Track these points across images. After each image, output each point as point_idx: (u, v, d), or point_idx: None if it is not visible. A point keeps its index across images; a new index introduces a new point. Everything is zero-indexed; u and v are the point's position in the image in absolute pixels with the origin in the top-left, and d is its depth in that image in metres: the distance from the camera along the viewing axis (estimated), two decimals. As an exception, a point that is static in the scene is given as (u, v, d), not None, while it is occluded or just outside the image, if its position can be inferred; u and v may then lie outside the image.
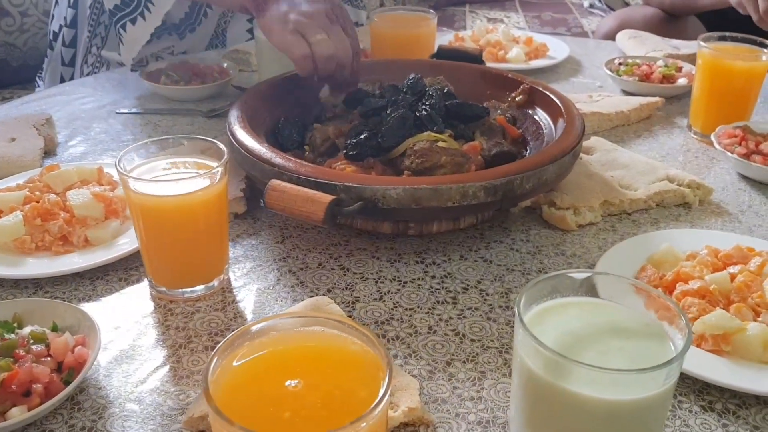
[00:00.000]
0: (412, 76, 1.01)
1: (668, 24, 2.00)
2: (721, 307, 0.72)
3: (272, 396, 0.48)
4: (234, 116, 0.94)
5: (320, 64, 1.00)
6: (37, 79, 1.74)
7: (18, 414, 0.60)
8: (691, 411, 0.65)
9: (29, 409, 0.61)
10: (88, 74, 1.58)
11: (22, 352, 0.64)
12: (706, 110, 1.18)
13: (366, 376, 0.48)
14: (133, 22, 1.25)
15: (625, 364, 0.52)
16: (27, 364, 0.63)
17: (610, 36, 2.01)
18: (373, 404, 0.44)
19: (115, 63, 1.53)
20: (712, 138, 1.11)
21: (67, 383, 0.64)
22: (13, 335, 0.67)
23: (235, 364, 0.50)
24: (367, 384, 0.48)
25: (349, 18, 1.07)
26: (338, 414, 0.46)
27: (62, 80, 1.60)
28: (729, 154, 1.07)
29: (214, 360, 0.48)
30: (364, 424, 0.43)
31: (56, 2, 1.60)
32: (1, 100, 1.92)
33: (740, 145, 1.08)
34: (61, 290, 0.80)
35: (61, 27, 1.57)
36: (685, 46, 1.57)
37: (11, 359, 0.63)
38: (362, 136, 0.90)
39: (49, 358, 0.65)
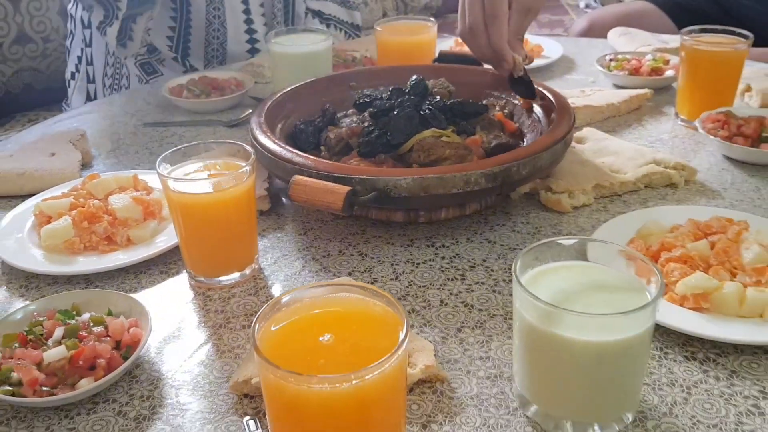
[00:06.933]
0: (413, 77, 1.10)
1: (634, 20, 2.09)
2: (701, 270, 0.80)
3: (309, 348, 0.57)
4: (255, 123, 1.03)
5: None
6: (63, 104, 1.84)
7: (86, 384, 0.69)
8: (675, 360, 0.73)
9: (95, 381, 0.70)
10: (109, 86, 1.68)
11: (84, 333, 0.74)
12: (691, 98, 1.26)
13: (387, 330, 0.57)
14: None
15: (609, 312, 0.60)
16: (90, 342, 0.72)
17: (583, 36, 2.12)
18: (395, 348, 0.53)
19: (131, 59, 1.62)
20: (697, 123, 1.20)
21: (125, 358, 0.73)
22: (73, 321, 0.76)
23: (273, 328, 0.59)
24: (388, 336, 0.56)
25: None
26: (365, 359, 0.54)
27: (88, 97, 1.71)
28: (712, 137, 1.15)
29: (257, 324, 0.57)
30: (387, 365, 0.52)
31: (72, 35, 1.70)
32: (28, 122, 2.02)
33: (723, 128, 1.16)
34: (109, 284, 0.89)
35: (83, 50, 1.68)
36: (674, 40, 1.65)
37: (77, 339, 0.73)
38: (373, 135, 0.99)
39: (108, 338, 0.74)
